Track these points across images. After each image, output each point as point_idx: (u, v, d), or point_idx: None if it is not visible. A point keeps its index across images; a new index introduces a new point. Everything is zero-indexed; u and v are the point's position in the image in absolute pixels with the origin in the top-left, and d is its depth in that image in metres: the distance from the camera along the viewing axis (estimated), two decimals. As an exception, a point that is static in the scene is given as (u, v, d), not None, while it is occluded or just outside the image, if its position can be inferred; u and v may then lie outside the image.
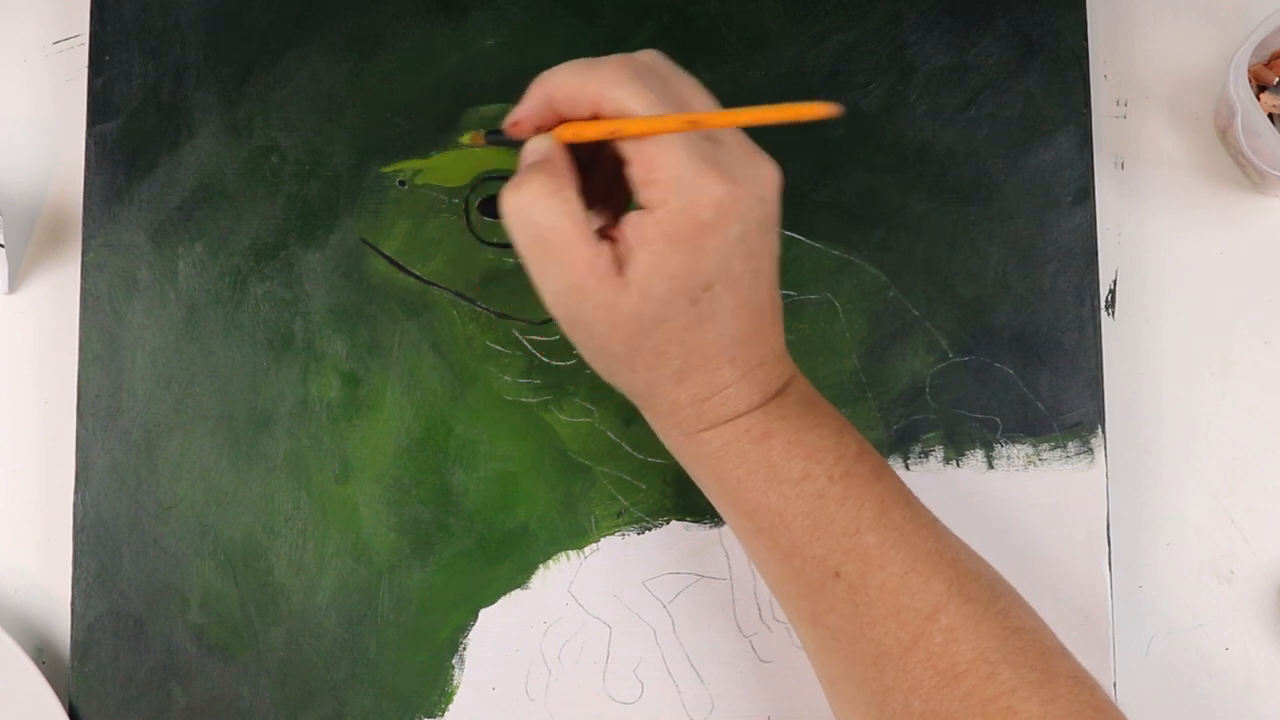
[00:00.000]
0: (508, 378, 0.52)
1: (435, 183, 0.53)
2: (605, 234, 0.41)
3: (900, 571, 0.41)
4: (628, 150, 0.40)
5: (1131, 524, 0.53)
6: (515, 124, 0.43)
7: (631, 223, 0.40)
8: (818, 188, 0.53)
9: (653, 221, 0.39)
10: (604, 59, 0.40)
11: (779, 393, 0.43)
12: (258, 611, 0.52)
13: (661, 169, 0.39)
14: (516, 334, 0.53)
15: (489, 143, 0.47)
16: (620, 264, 0.40)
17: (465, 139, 0.49)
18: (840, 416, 0.44)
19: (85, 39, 0.54)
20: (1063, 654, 0.41)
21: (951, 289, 0.53)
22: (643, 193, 0.40)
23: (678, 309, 0.40)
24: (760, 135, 0.53)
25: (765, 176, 0.41)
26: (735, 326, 0.41)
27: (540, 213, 0.40)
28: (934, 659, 0.40)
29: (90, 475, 0.52)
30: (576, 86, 0.41)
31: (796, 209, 0.53)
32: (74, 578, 0.52)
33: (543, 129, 0.42)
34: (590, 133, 0.41)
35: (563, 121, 0.42)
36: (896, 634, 0.40)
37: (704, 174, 0.39)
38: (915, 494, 0.44)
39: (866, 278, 0.53)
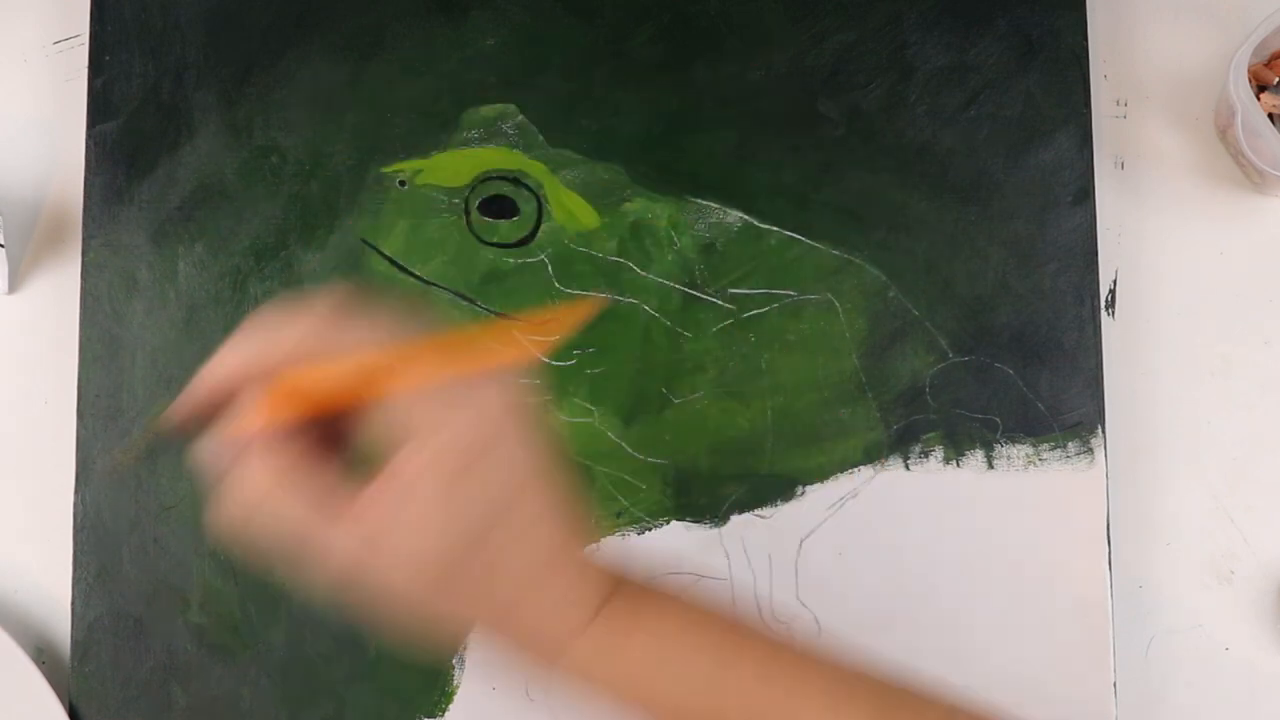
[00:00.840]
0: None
1: (435, 183, 0.53)
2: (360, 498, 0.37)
3: (822, 708, 0.39)
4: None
5: (1131, 524, 0.53)
6: (190, 412, 0.38)
7: (389, 483, 0.37)
8: (818, 188, 0.53)
9: (412, 476, 0.36)
10: (291, 312, 0.37)
11: (614, 590, 0.41)
12: (258, 611, 0.52)
13: (400, 428, 0.36)
14: (516, 334, 0.53)
15: (160, 445, 0.43)
16: (388, 530, 0.37)
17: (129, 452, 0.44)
18: (674, 591, 0.43)
19: (85, 39, 0.54)
20: None
21: (951, 289, 0.53)
22: (391, 453, 0.37)
23: (469, 550, 0.37)
24: (758, 131, 0.53)
25: (495, 395, 0.39)
26: (542, 543, 0.39)
27: (270, 519, 0.36)
28: None
29: (90, 475, 0.52)
30: (270, 348, 0.37)
31: (796, 209, 0.53)
32: (74, 578, 0.52)
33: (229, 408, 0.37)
34: (301, 407, 0.36)
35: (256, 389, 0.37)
36: None
37: (442, 416, 0.37)
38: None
39: (866, 278, 0.53)
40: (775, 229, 0.53)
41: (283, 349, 0.37)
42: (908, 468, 0.52)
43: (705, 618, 0.41)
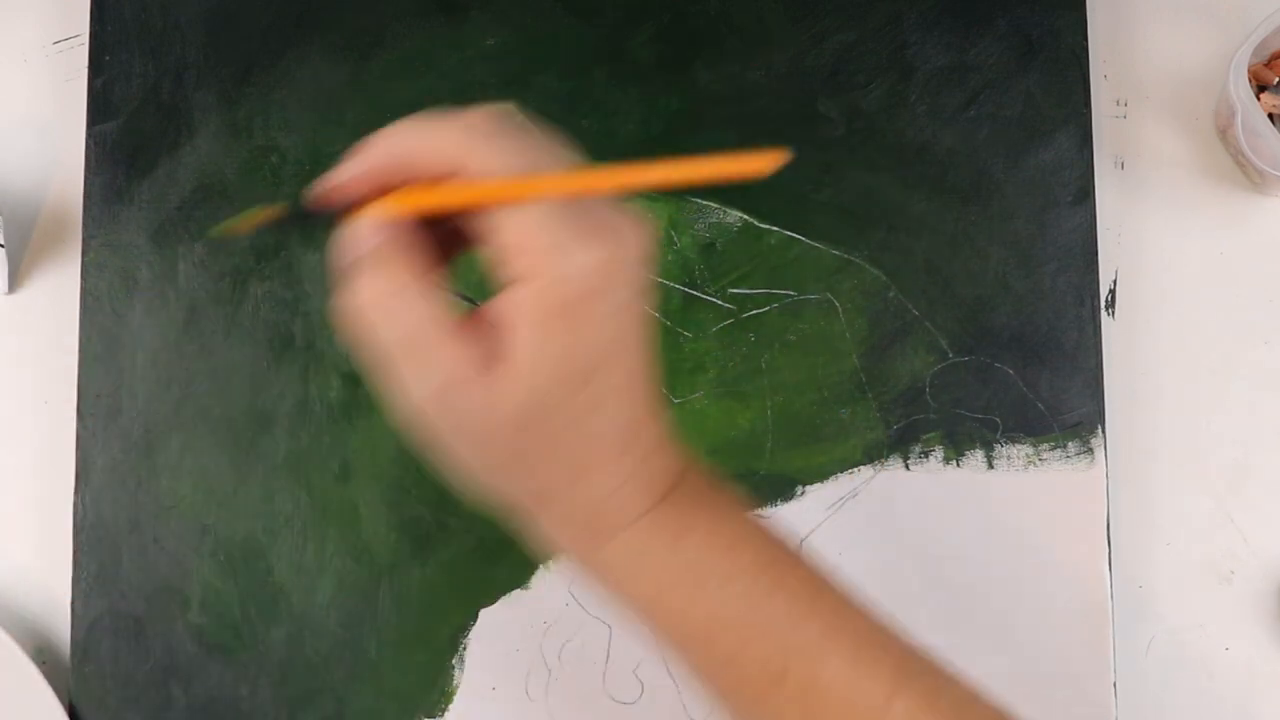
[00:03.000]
0: (508, 378, 0.52)
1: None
2: (468, 321, 0.36)
3: (848, 661, 0.37)
4: (488, 224, 0.35)
5: (1131, 524, 0.53)
6: (340, 189, 0.36)
7: (504, 303, 0.34)
8: (818, 188, 0.53)
9: (530, 296, 0.34)
10: (452, 116, 0.35)
11: (678, 483, 0.38)
12: (258, 611, 0.52)
13: (531, 237, 0.34)
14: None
15: (291, 217, 0.39)
16: (492, 355, 0.34)
17: (245, 219, 0.39)
18: (738, 496, 0.40)
19: (85, 39, 0.54)
20: (1011, 716, 0.39)
21: (951, 289, 0.53)
22: (513, 265, 0.34)
23: (565, 395, 0.35)
24: (758, 131, 0.53)
25: (639, 237, 0.36)
26: (631, 406, 0.37)
27: (383, 319, 0.35)
28: None
29: (90, 475, 0.52)
30: (424, 146, 0.35)
31: (797, 209, 0.53)
32: (74, 578, 0.52)
33: (371, 198, 0.36)
34: (447, 201, 0.35)
35: (399, 187, 0.36)
36: None
37: (579, 238, 0.34)
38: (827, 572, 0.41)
39: (866, 278, 0.53)
40: (775, 229, 0.53)
41: (429, 153, 0.35)
42: (908, 468, 0.52)
43: (754, 537, 0.38)
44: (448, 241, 0.37)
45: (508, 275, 0.35)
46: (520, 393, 0.35)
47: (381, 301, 0.35)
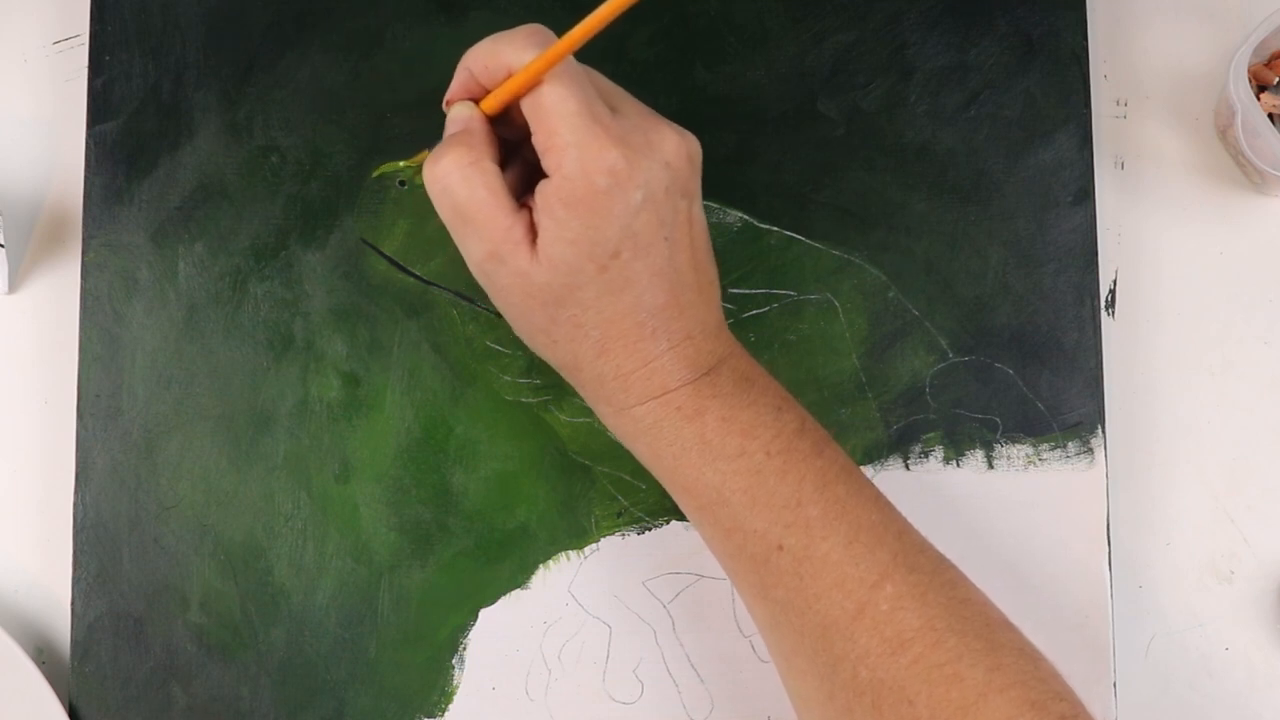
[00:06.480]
0: (508, 378, 0.52)
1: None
2: (525, 204, 0.42)
3: (844, 542, 0.41)
4: (531, 119, 0.41)
5: (1131, 524, 0.53)
6: (447, 103, 0.44)
7: (537, 190, 0.41)
8: (818, 188, 0.53)
9: (551, 188, 0.40)
10: (514, 29, 0.42)
11: (712, 369, 0.43)
12: (258, 611, 0.52)
13: (557, 135, 0.40)
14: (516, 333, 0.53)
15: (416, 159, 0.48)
16: (532, 235, 0.41)
17: (386, 169, 0.50)
18: (783, 393, 0.44)
19: (85, 39, 0.54)
20: (1008, 626, 0.41)
21: (951, 289, 0.53)
22: (543, 160, 0.41)
23: (586, 277, 0.41)
24: (758, 131, 0.53)
25: (669, 144, 0.41)
26: (653, 297, 0.42)
27: (458, 182, 0.41)
28: (880, 627, 0.40)
29: (90, 475, 0.52)
30: (490, 56, 0.42)
31: (796, 209, 0.53)
32: (74, 578, 0.52)
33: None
34: (499, 95, 0.42)
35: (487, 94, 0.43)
36: (842, 604, 0.40)
37: (597, 139, 0.40)
38: (863, 472, 0.44)
39: (866, 278, 0.53)
40: (775, 229, 0.53)
41: (487, 60, 0.42)
42: (908, 468, 0.52)
43: (774, 426, 0.42)
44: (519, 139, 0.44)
45: (543, 166, 0.41)
46: (542, 273, 0.41)
47: (454, 170, 0.41)
